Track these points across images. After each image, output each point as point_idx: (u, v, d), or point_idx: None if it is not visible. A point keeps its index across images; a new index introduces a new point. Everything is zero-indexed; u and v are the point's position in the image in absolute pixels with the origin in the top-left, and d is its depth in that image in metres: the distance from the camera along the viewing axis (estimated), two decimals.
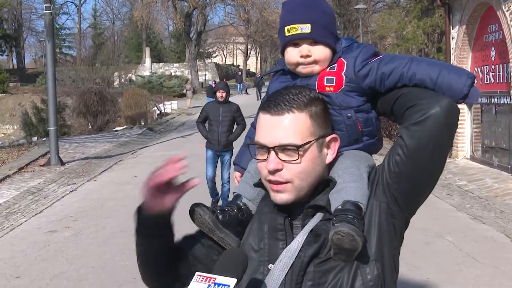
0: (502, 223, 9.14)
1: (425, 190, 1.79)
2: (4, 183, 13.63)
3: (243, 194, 1.95)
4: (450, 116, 1.67)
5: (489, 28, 13.81)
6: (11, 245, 8.55)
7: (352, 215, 1.66)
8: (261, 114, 1.78)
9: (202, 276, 1.62)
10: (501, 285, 6.48)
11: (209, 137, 10.01)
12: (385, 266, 1.73)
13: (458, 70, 1.76)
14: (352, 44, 1.91)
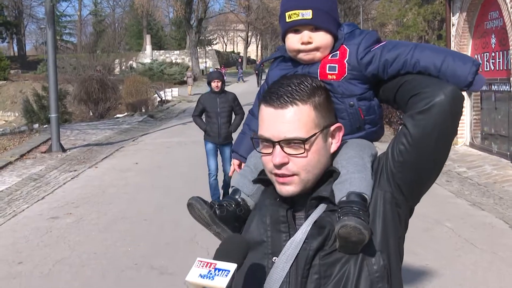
0: (501, 209, 9.16)
1: (430, 178, 1.75)
2: (6, 170, 13.65)
3: (241, 189, 1.92)
4: (455, 104, 1.63)
5: (490, 15, 13.77)
6: (13, 231, 8.58)
7: (358, 207, 1.64)
8: (264, 107, 1.73)
9: (203, 261, 1.62)
10: (500, 270, 6.50)
11: (208, 130, 9.51)
12: (391, 256, 1.71)
13: (462, 57, 1.71)
14: (354, 30, 1.86)
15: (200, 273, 1.59)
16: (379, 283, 1.66)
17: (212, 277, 1.57)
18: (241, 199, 1.89)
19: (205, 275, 1.59)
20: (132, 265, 6.98)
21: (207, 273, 1.59)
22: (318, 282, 1.66)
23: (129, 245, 7.76)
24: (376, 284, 1.66)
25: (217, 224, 1.82)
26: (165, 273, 6.68)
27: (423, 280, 6.12)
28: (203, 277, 1.58)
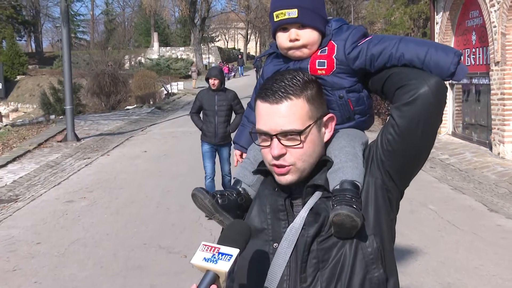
0: (480, 193, 9.16)
1: (417, 165, 1.75)
2: (25, 158, 13.65)
3: (242, 179, 1.90)
4: (438, 94, 1.61)
5: (470, 14, 13.73)
6: (32, 214, 8.58)
7: (350, 195, 1.63)
8: (260, 103, 1.71)
9: (207, 245, 1.60)
10: (479, 249, 6.51)
11: (204, 129, 8.34)
12: (384, 238, 1.71)
13: (445, 48, 1.68)
14: (341, 26, 1.83)
15: (204, 257, 1.58)
16: (373, 264, 1.66)
17: (215, 261, 1.56)
18: (242, 189, 1.88)
19: (209, 258, 1.57)
20: (141, 245, 6.99)
21: (211, 257, 1.57)
22: (316, 265, 1.66)
23: (139, 226, 7.77)
24: (370, 265, 1.66)
25: (219, 212, 1.81)
26: (172, 252, 6.68)
27: (409, 259, 6.13)
28: (207, 261, 1.57)
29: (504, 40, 11.46)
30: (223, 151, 8.44)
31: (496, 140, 11.89)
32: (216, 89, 8.19)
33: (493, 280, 5.62)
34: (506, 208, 8.17)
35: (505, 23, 11.37)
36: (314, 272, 1.66)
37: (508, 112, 11.56)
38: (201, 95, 8.42)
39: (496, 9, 11.71)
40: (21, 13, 66.08)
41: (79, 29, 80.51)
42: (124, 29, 74.41)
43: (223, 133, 8.26)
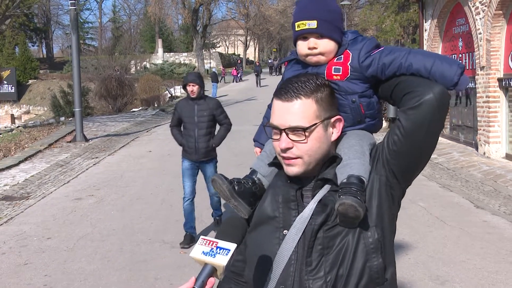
0: (467, 190, 9.16)
1: (420, 165, 1.81)
2: (36, 157, 13.63)
3: (258, 170, 1.97)
4: (441, 101, 1.67)
5: (457, 22, 13.73)
6: (43, 211, 8.56)
7: (356, 188, 1.70)
8: (275, 100, 1.80)
9: (206, 239, 1.61)
10: (466, 243, 6.50)
11: (184, 144, 7.01)
12: (385, 230, 1.77)
13: (449, 60, 1.74)
14: (357, 37, 1.91)
15: (203, 250, 1.59)
16: (373, 253, 1.72)
17: (214, 255, 1.57)
18: (257, 179, 1.94)
19: (208, 252, 1.58)
20: (146, 240, 6.97)
21: (209, 251, 1.58)
22: (321, 252, 1.73)
23: (144, 222, 7.75)
24: (371, 254, 1.72)
25: (234, 198, 1.87)
26: (175, 246, 6.67)
27: (400, 253, 6.12)
28: (205, 254, 1.58)
29: (489, 46, 11.46)
30: (206, 169, 7.10)
31: (482, 140, 11.89)
32: (196, 97, 6.84)
33: (480, 273, 5.61)
34: (492, 205, 8.16)
35: (489, 30, 11.36)
36: (319, 257, 1.73)
37: (493, 114, 11.56)
38: (180, 105, 7.17)
39: (481, 17, 11.70)
40: (33, 20, 66.11)
41: (88, 36, 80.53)
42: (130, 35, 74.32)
43: (205, 148, 6.92)
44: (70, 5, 17.03)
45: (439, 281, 5.42)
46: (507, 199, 8.48)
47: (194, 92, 6.79)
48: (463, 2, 12.66)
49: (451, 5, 13.89)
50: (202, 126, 6.89)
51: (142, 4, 76.50)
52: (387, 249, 1.78)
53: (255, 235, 1.87)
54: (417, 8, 17.26)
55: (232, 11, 68.71)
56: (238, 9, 62.83)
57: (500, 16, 11.18)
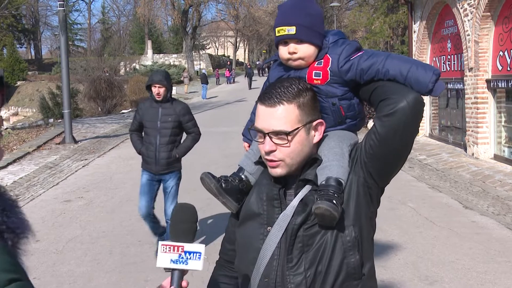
0: (456, 191, 9.21)
1: (395, 167, 1.88)
2: (25, 159, 13.55)
3: (245, 168, 2.04)
4: (415, 109, 1.73)
5: (446, 23, 13.81)
6: (31, 213, 8.51)
7: (333, 190, 1.76)
8: (259, 105, 1.86)
9: (167, 245, 1.53)
10: (455, 244, 6.54)
11: (143, 153, 6.18)
12: (362, 229, 1.84)
13: (425, 66, 1.79)
14: (337, 40, 1.94)
15: (171, 258, 1.52)
16: (350, 251, 1.81)
17: (185, 261, 1.51)
18: (244, 176, 2.02)
19: (177, 260, 1.51)
20: (136, 242, 6.96)
21: (178, 258, 1.51)
22: (301, 249, 1.82)
23: (133, 224, 7.73)
24: (348, 251, 1.81)
25: (222, 195, 1.97)
26: None
27: (389, 253, 6.15)
28: (176, 262, 1.51)
29: (477, 47, 11.54)
30: (167, 183, 6.19)
31: (470, 141, 11.96)
32: (162, 99, 6.00)
33: (468, 273, 5.64)
34: (480, 205, 8.21)
35: (478, 31, 11.44)
36: (299, 254, 1.82)
37: (481, 115, 11.63)
38: (142, 107, 6.23)
39: (469, 18, 11.78)
40: (21, 21, 65.74)
41: (77, 37, 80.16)
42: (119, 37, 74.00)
43: (166, 159, 6.05)
44: (58, 6, 16.97)
45: (428, 281, 5.45)
46: (495, 199, 8.53)
47: (160, 95, 5.97)
48: (451, 4, 12.74)
49: (439, 7, 13.97)
50: (165, 133, 6.03)
51: (132, 5, 76.33)
52: (364, 246, 1.85)
53: (243, 229, 1.97)
54: (406, 9, 17.37)
55: (221, 13, 68.68)
56: (228, 11, 62.82)
57: (488, 18, 11.27)
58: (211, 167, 11.41)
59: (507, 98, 11.39)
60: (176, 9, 54.78)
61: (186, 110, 6.21)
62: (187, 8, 55.14)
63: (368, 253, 1.89)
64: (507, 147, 11.28)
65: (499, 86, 11.13)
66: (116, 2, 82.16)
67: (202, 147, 14.83)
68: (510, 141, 11.22)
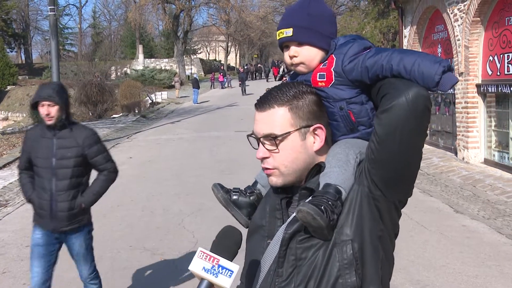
0: (447, 195, 9.24)
1: (401, 174, 1.64)
2: (15, 164, 13.46)
3: (258, 180, 1.95)
4: (415, 104, 1.53)
5: (436, 28, 13.89)
6: (21, 218, 8.47)
7: (327, 197, 1.59)
8: (255, 110, 1.77)
9: (205, 253, 1.55)
10: (446, 247, 6.56)
11: (34, 202, 4.29)
12: (365, 247, 1.63)
13: (431, 58, 1.59)
14: (347, 41, 1.79)
15: (204, 266, 1.54)
16: (346, 270, 1.61)
17: (216, 274, 1.52)
18: (257, 189, 1.93)
19: (209, 270, 1.53)
20: (127, 247, 6.93)
21: (210, 268, 1.53)
22: (294, 263, 1.65)
23: (124, 229, 7.70)
24: (344, 270, 1.61)
25: (231, 207, 1.89)
26: (156, 253, 6.64)
27: None
28: (207, 271, 1.53)
29: (467, 52, 11.61)
30: (72, 245, 4.45)
31: (461, 146, 12.01)
32: (55, 124, 4.19)
33: (459, 277, 5.66)
34: (471, 210, 8.25)
35: (468, 36, 11.51)
36: (291, 268, 1.65)
37: (472, 119, 11.69)
38: (30, 137, 4.42)
39: (459, 23, 11.85)
40: (11, 26, 65.57)
41: (68, 42, 80.00)
42: (110, 41, 73.99)
43: (66, 211, 4.24)
44: (49, 11, 16.91)
45: (420, 285, 5.46)
46: (485, 203, 8.57)
47: (52, 117, 4.14)
48: (442, 9, 12.82)
49: (430, 12, 14.05)
50: (63, 174, 4.20)
51: (123, 10, 76.33)
52: (366, 267, 1.64)
53: (248, 243, 1.85)
54: (397, 14, 17.44)
55: (213, 17, 68.79)
56: (219, 15, 62.80)
57: (478, 23, 11.34)
58: (202, 172, 11.41)
59: (497, 103, 11.45)
60: (167, 13, 54.79)
61: (93, 138, 4.38)
62: (178, 13, 55.17)
63: (372, 275, 1.64)
64: (497, 151, 11.34)
65: (489, 90, 11.20)
66: (107, 6, 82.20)
67: (192, 152, 14.86)
68: (500, 145, 11.28)
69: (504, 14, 10.64)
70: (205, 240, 6.89)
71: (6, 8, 60.11)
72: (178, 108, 31.77)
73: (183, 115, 26.91)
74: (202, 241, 6.92)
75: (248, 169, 11.11)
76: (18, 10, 66.32)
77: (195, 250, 6.87)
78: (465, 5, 11.54)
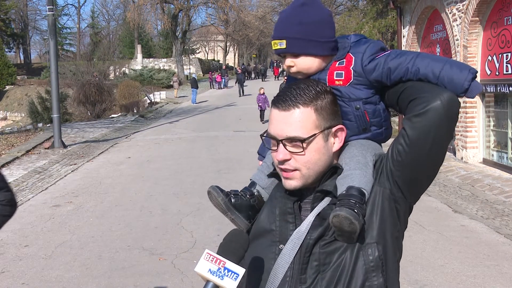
0: (445, 195, 9.25)
1: (427, 178, 1.67)
2: (13, 164, 13.46)
3: (257, 182, 1.87)
4: (450, 108, 1.54)
5: (435, 28, 13.89)
6: (20, 218, 8.46)
7: (354, 200, 1.58)
8: (272, 109, 1.69)
9: (211, 255, 1.54)
10: (444, 247, 6.56)
11: None
12: (387, 248, 1.65)
13: (460, 65, 1.61)
14: (360, 39, 1.77)
15: (210, 268, 1.53)
16: (373, 272, 1.61)
17: (222, 276, 1.52)
18: (256, 191, 1.85)
19: (215, 272, 1.53)
20: (125, 247, 6.92)
21: (216, 270, 1.53)
22: (317, 268, 1.62)
23: (123, 229, 7.70)
24: (370, 273, 1.61)
25: (231, 211, 1.79)
26: (155, 253, 6.63)
27: None
28: (212, 273, 1.53)
29: (465, 52, 11.61)
30: None
31: (460, 145, 12.02)
32: None
33: (458, 277, 5.66)
34: (469, 209, 8.25)
35: (466, 36, 11.52)
36: (314, 274, 1.62)
37: (470, 119, 11.70)
38: None
39: (458, 23, 11.86)
40: (10, 26, 65.52)
41: (66, 41, 79.96)
42: (109, 41, 73.94)
43: None
44: (48, 11, 16.91)
45: (418, 285, 5.46)
46: (484, 203, 8.58)
47: None
48: (440, 9, 12.83)
49: (428, 11, 14.06)
50: None
51: (121, 9, 76.24)
52: (389, 269, 1.67)
53: (251, 249, 1.72)
54: (395, 14, 17.45)
55: (211, 17, 68.67)
56: (218, 15, 62.78)
57: (477, 23, 11.35)
58: (200, 172, 11.41)
59: (495, 103, 11.47)
60: (166, 13, 54.79)
61: None
62: (177, 13, 55.15)
63: (394, 277, 1.69)
64: (495, 151, 11.35)
65: (487, 90, 11.20)
66: (106, 6, 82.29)
67: (191, 151, 14.86)
68: (498, 145, 11.29)
69: (503, 14, 10.65)
70: (204, 239, 6.89)
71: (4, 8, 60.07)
72: (176, 108, 31.75)
73: (182, 115, 26.91)
74: (200, 240, 6.92)
75: (247, 168, 11.12)
76: (16, 10, 66.29)
77: (193, 249, 6.88)
78: (463, 5, 11.55)
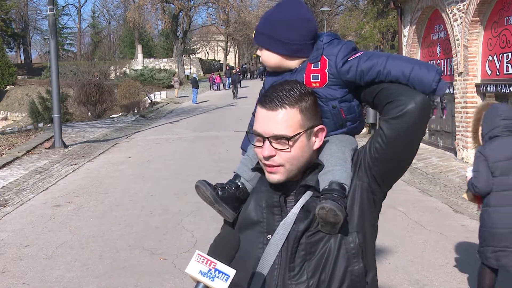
0: (446, 195, 9.24)
1: (401, 170, 1.86)
2: (14, 164, 13.46)
3: (241, 174, 1.98)
4: (423, 110, 1.70)
5: (435, 28, 13.89)
6: (21, 218, 8.46)
7: (336, 194, 1.73)
8: (259, 108, 1.80)
9: (202, 257, 1.57)
10: (445, 247, 6.56)
11: None
12: (366, 236, 1.82)
13: (427, 66, 1.76)
14: (332, 40, 1.90)
15: (200, 270, 1.56)
16: (354, 258, 1.77)
17: (212, 278, 1.54)
18: (240, 183, 1.96)
19: (205, 273, 1.55)
20: (126, 247, 6.92)
21: (207, 272, 1.55)
22: (304, 257, 1.78)
23: (123, 229, 7.70)
24: (352, 259, 1.77)
25: (219, 203, 1.90)
26: (155, 253, 6.63)
27: (380, 257, 6.14)
28: (203, 275, 1.55)
29: (466, 52, 11.61)
30: None
31: (460, 145, 12.02)
32: None
33: (458, 277, 5.66)
34: (470, 209, 8.24)
35: (467, 36, 11.52)
36: (301, 263, 1.77)
37: (471, 119, 11.68)
38: None
39: (458, 23, 11.86)
40: (10, 26, 65.51)
41: (67, 41, 79.91)
42: (109, 41, 73.99)
43: None
44: (48, 11, 16.90)
45: (419, 285, 5.46)
46: None
47: None
48: (441, 9, 12.82)
49: (429, 11, 14.06)
50: None
51: (122, 9, 76.13)
52: (368, 254, 1.83)
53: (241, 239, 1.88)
54: (396, 14, 17.46)
55: (212, 17, 68.70)
56: (218, 15, 62.77)
57: (477, 23, 11.34)
58: (200, 172, 11.40)
59: None
60: (167, 13, 54.80)
61: None
62: (178, 13, 55.16)
63: (372, 261, 1.86)
64: None
65: (488, 90, 11.20)
66: (106, 6, 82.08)
67: (191, 151, 14.86)
68: None
69: (503, 14, 10.64)
70: (204, 239, 6.89)
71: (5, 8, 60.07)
72: (177, 108, 31.75)
73: (182, 115, 26.91)
74: (201, 240, 6.92)
75: None
76: (17, 10, 66.25)
77: (194, 249, 6.86)
78: (464, 5, 11.55)
